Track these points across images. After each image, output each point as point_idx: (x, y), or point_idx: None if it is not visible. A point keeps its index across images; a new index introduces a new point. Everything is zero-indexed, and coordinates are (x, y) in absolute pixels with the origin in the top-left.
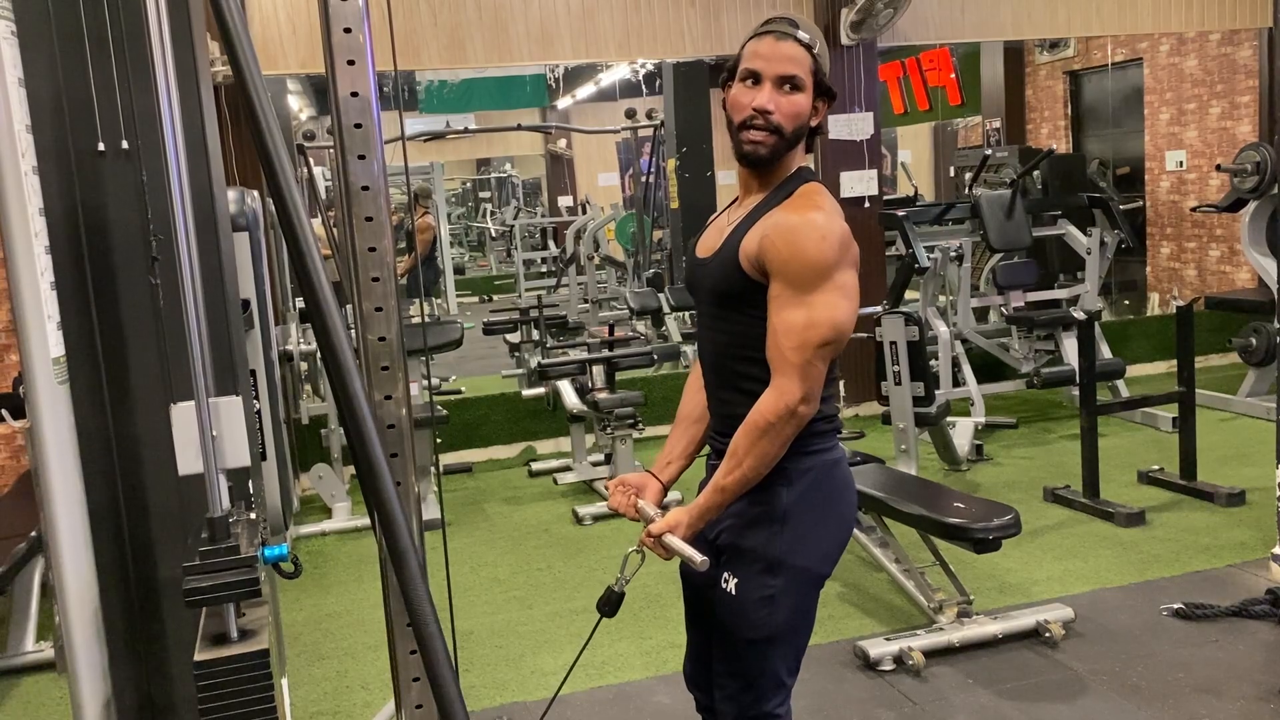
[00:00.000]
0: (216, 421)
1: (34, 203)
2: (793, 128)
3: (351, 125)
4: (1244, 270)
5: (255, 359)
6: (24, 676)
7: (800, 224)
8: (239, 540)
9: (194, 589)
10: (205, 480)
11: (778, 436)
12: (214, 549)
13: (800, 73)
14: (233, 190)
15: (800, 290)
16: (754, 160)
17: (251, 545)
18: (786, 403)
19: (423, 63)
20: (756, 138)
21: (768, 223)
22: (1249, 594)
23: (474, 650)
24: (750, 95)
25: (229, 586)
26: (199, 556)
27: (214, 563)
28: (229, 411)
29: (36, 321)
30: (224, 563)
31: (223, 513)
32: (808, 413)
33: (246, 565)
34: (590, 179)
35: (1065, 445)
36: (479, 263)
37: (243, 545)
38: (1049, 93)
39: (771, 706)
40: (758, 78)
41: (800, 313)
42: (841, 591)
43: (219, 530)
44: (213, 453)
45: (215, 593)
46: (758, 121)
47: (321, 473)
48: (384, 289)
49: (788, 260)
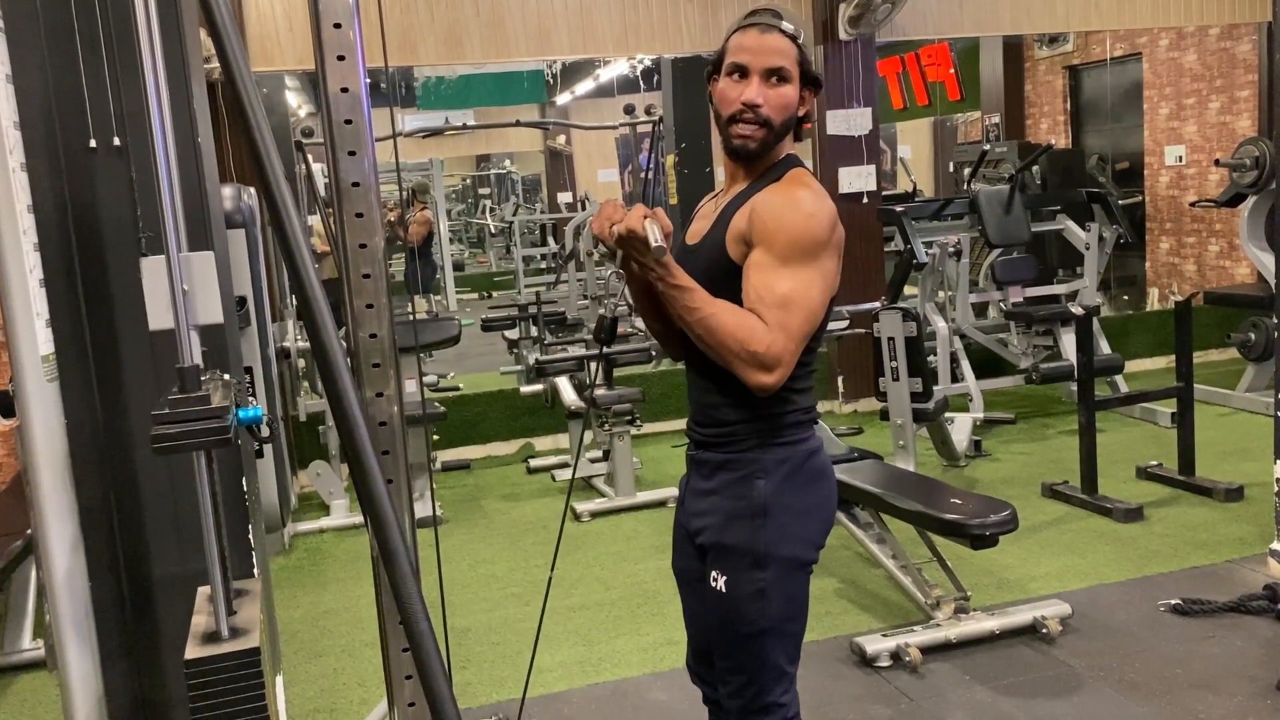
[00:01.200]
0: (188, 277)
1: (22, 199)
2: (781, 120)
3: (342, 121)
4: (1243, 265)
5: (251, 355)
6: (20, 674)
7: (789, 200)
8: (211, 394)
9: (162, 435)
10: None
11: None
12: (184, 398)
13: (787, 64)
14: (229, 187)
15: (783, 260)
16: (744, 154)
17: (224, 399)
18: (768, 352)
19: (420, 59)
20: (746, 131)
21: (756, 200)
22: (1247, 589)
23: (471, 647)
24: (738, 89)
25: (198, 434)
26: (168, 405)
27: (184, 411)
28: (201, 267)
29: (25, 319)
30: (194, 412)
31: (193, 364)
32: (765, 385)
33: (216, 416)
34: (590, 175)
35: (1063, 441)
36: (478, 259)
37: (214, 398)
38: (1048, 88)
39: (776, 696)
40: (745, 71)
41: (783, 281)
42: (838, 587)
43: (189, 381)
44: (183, 307)
45: (184, 439)
46: (747, 115)
47: (319, 470)
48: (375, 286)
49: (774, 231)
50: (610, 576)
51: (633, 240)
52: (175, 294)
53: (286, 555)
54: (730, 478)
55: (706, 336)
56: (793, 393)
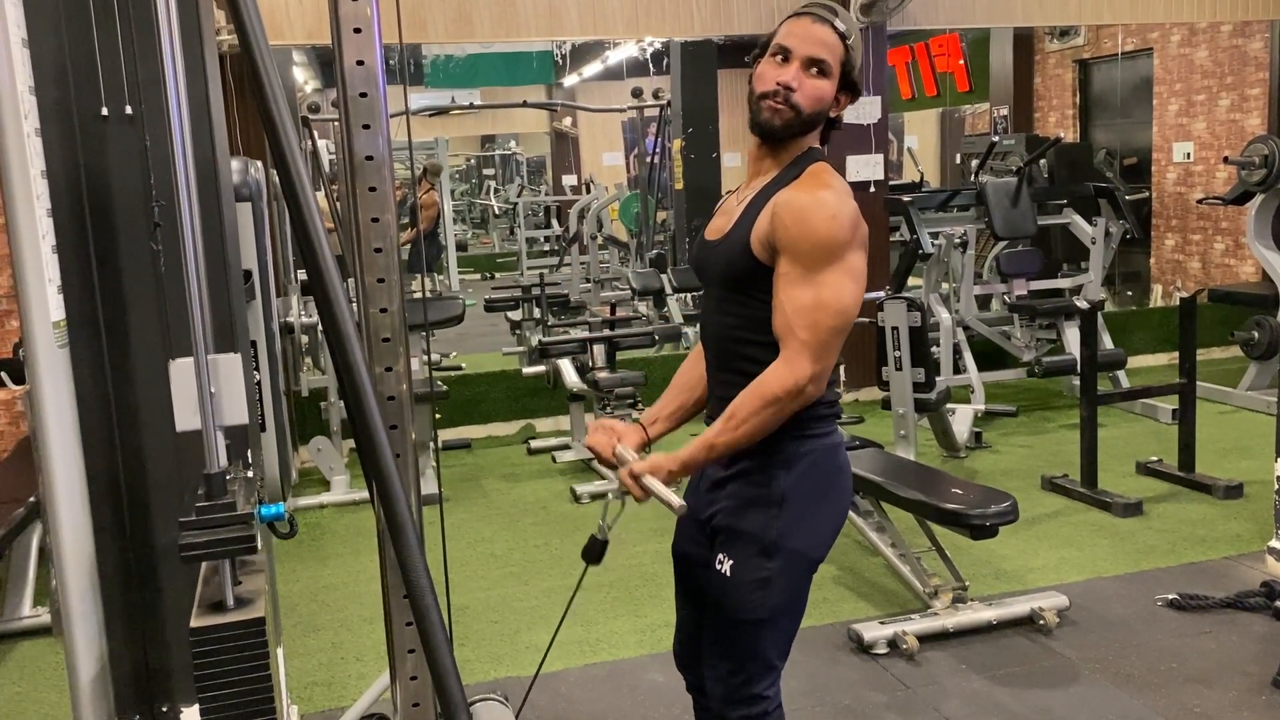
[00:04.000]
0: (215, 378)
1: (36, 165)
2: (811, 110)
3: (357, 94)
4: (1248, 264)
5: (256, 330)
6: (20, 641)
7: (811, 202)
8: (236, 498)
9: (190, 544)
10: (203, 437)
11: (781, 411)
12: (211, 505)
13: (829, 59)
14: (236, 160)
15: (809, 269)
16: (767, 129)
17: (248, 503)
18: (797, 380)
19: (429, 36)
20: (774, 106)
21: (778, 201)
22: (1244, 586)
23: (469, 625)
24: (777, 71)
25: (225, 543)
26: (195, 513)
27: (210, 519)
28: (228, 368)
29: (37, 285)
30: (220, 519)
31: (220, 469)
32: (815, 394)
33: (243, 522)
34: (595, 158)
35: (1064, 434)
36: (482, 240)
37: (239, 503)
38: (1058, 81)
39: (760, 688)
40: (787, 55)
41: (809, 292)
42: (837, 574)
43: (216, 487)
44: (210, 409)
45: (211, 548)
46: (778, 95)
47: (320, 445)
48: (386, 261)
49: (797, 239)
50: (609, 558)
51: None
52: (203, 396)
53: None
54: (750, 465)
55: (756, 433)
56: None
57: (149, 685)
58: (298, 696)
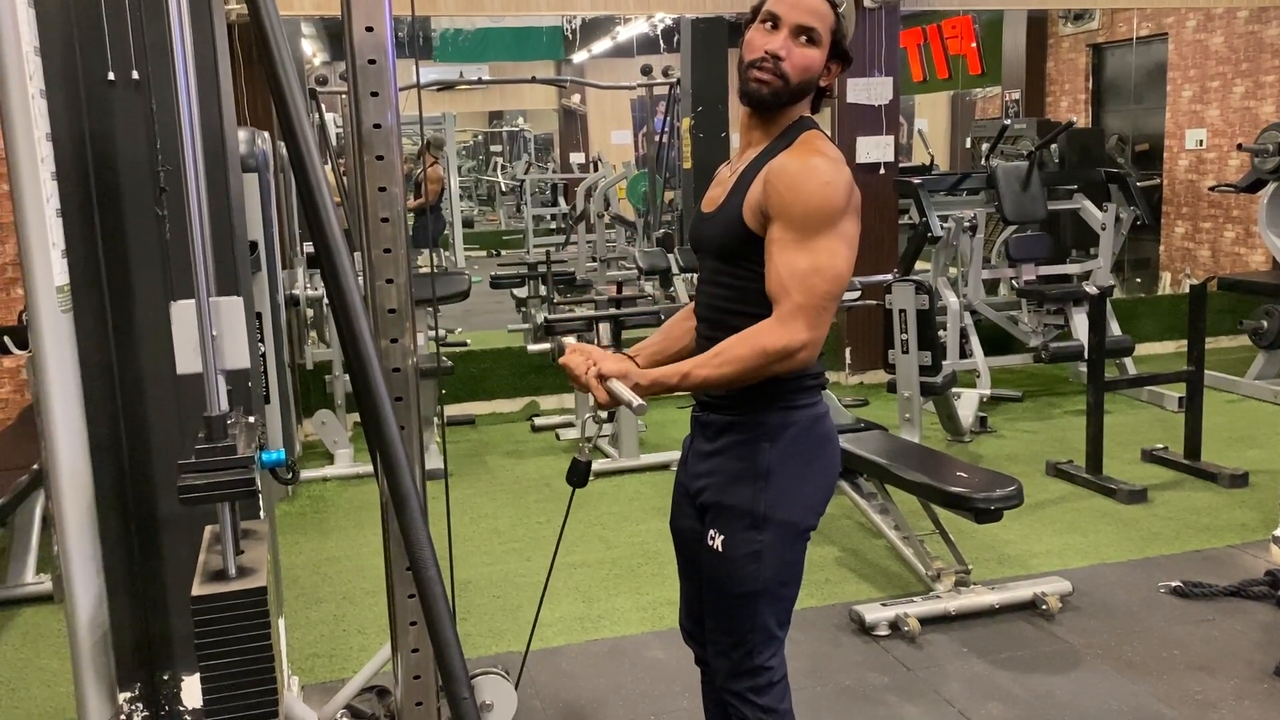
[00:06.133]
0: (217, 321)
1: (40, 127)
2: (799, 79)
3: (365, 61)
4: (1258, 253)
5: (261, 302)
6: (23, 608)
7: (804, 168)
8: (236, 441)
9: (189, 486)
10: (204, 380)
11: (765, 367)
12: (210, 448)
13: (819, 27)
14: (243, 130)
15: (803, 234)
16: (755, 99)
17: (249, 447)
18: (789, 341)
19: (439, 9)
20: (761, 77)
21: (771, 168)
22: (1247, 575)
23: (471, 599)
24: (765, 39)
25: (224, 485)
26: (195, 455)
27: (210, 461)
28: (229, 311)
29: (41, 249)
30: (220, 461)
31: (220, 412)
32: (805, 360)
33: (243, 465)
34: (603, 136)
35: (1069, 420)
36: (488, 217)
37: (240, 446)
38: (1071, 65)
39: (764, 659)
40: (777, 22)
41: (804, 257)
42: (839, 556)
43: (216, 429)
44: (211, 352)
45: (211, 491)
46: (766, 64)
47: (324, 418)
48: (393, 231)
49: (790, 204)
50: (612, 536)
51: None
52: (205, 339)
53: (290, 502)
54: (736, 439)
55: (735, 378)
56: None
57: (150, 653)
58: (299, 668)
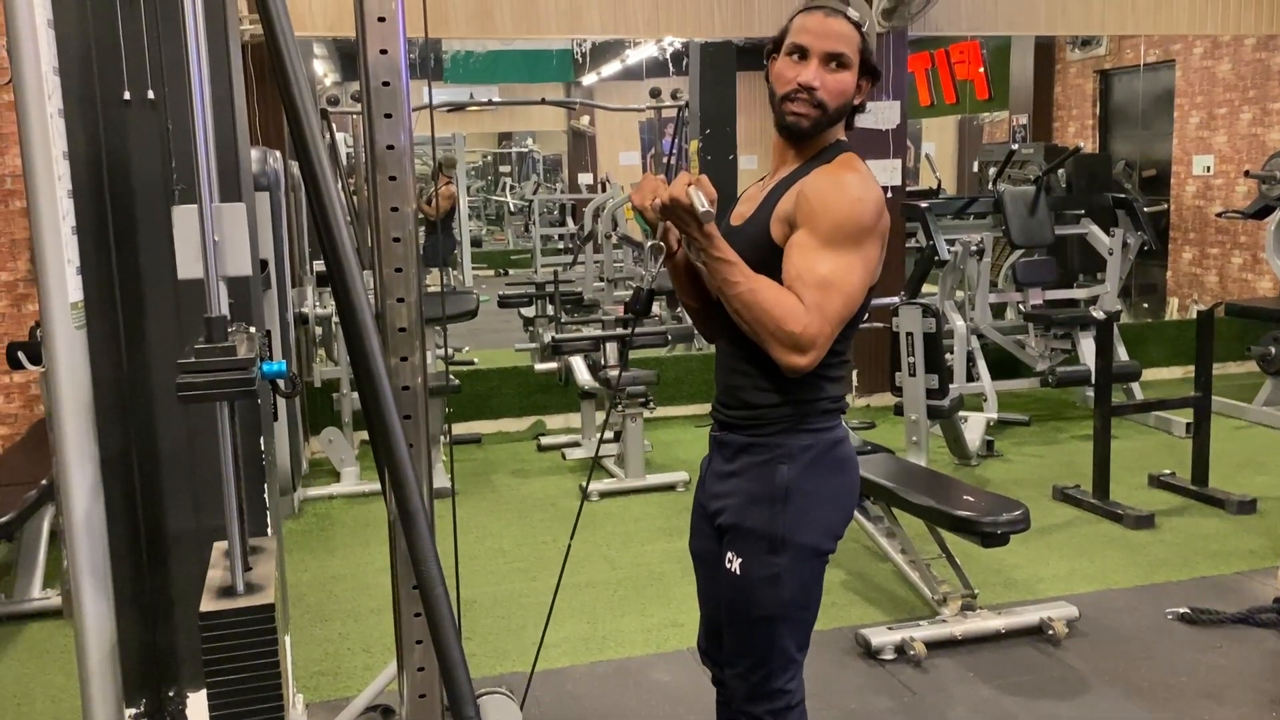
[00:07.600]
0: (219, 227)
1: (58, 145)
2: (836, 105)
3: (380, 83)
4: (1266, 279)
5: (271, 319)
6: (29, 623)
7: (836, 183)
8: (237, 345)
9: (188, 385)
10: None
11: (768, 331)
12: (210, 348)
13: (848, 50)
14: (256, 149)
15: (824, 243)
16: (795, 131)
17: (250, 352)
18: (803, 329)
19: (450, 31)
20: (799, 110)
21: (805, 182)
22: (1256, 602)
23: (476, 619)
24: (796, 70)
25: (223, 384)
26: (194, 355)
27: (210, 361)
28: (232, 218)
29: (56, 265)
30: (220, 362)
31: (220, 314)
32: (796, 365)
33: (242, 367)
34: (611, 157)
35: (1076, 445)
36: (496, 236)
37: (240, 350)
38: (1078, 91)
39: (782, 683)
40: (805, 53)
41: (822, 264)
42: (845, 579)
43: (216, 331)
44: (213, 257)
45: (209, 389)
46: (801, 95)
47: (331, 436)
48: (405, 250)
49: (818, 214)
50: (617, 556)
51: (677, 208)
52: (206, 243)
53: (296, 519)
54: (753, 460)
55: (744, 312)
56: (824, 380)
57: (156, 669)
58: (304, 685)
